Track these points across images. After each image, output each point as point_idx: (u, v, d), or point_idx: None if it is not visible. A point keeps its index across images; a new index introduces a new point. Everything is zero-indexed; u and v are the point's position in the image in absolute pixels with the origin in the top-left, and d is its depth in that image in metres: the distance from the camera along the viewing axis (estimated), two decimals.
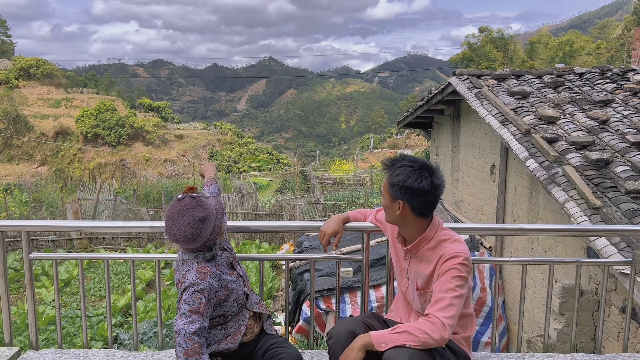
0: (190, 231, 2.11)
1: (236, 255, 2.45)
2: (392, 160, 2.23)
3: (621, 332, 4.70)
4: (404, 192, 2.13)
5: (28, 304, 2.84)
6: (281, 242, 16.29)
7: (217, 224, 2.20)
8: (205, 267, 2.19)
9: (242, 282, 2.37)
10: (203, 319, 2.11)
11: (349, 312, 7.37)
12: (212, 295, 2.16)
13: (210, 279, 2.16)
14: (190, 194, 2.19)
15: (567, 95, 7.18)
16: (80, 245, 15.69)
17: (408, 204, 2.15)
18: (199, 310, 2.10)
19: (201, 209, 2.14)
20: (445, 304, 2.04)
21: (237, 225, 3.22)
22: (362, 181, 29.34)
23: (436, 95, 9.32)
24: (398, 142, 49.35)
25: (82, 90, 55.73)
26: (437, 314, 2.03)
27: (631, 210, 4.47)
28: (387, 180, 2.21)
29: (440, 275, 2.13)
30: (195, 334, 2.07)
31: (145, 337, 7.86)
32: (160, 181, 29.86)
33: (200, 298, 2.11)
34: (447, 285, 2.08)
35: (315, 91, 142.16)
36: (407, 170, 2.14)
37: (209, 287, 2.14)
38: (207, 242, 2.18)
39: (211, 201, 2.21)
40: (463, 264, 2.11)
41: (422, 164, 2.16)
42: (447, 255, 2.14)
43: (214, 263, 2.27)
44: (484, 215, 8.57)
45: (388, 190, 2.20)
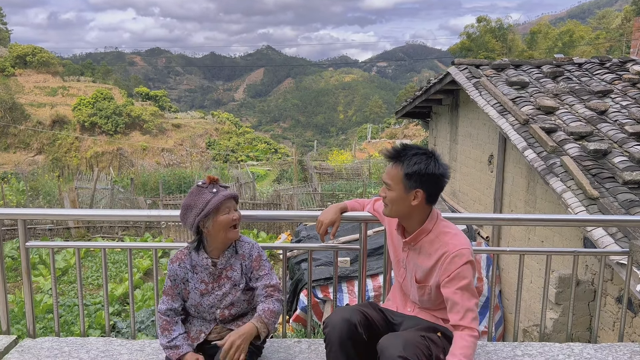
0: (180, 212, 2.30)
1: (238, 280, 2.34)
2: (400, 150, 2.17)
3: (616, 321, 4.73)
4: (424, 181, 2.11)
5: (25, 293, 2.84)
6: (279, 232, 16.30)
7: (199, 219, 2.22)
8: (181, 253, 2.34)
9: (213, 297, 2.32)
10: (171, 300, 2.30)
11: (346, 301, 7.40)
12: (178, 281, 2.31)
13: (178, 266, 2.31)
14: (200, 182, 2.29)
15: (566, 85, 7.16)
16: (78, 234, 15.69)
17: (426, 192, 2.13)
18: (166, 291, 2.32)
19: (191, 198, 2.26)
20: (473, 315, 2.10)
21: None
22: (360, 171, 29.31)
23: (435, 85, 9.29)
24: (396, 132, 49.27)
25: (79, 78, 55.35)
26: (471, 325, 2.09)
27: (628, 200, 4.47)
28: (399, 172, 2.13)
29: (448, 276, 2.12)
30: (163, 313, 2.29)
31: (143, 326, 7.89)
32: (157, 170, 29.77)
33: (167, 280, 2.32)
34: (466, 294, 2.11)
35: (314, 80, 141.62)
36: (424, 157, 2.11)
37: (174, 272, 2.31)
38: (191, 229, 2.27)
39: (208, 196, 2.21)
40: (469, 262, 2.13)
41: (429, 150, 2.18)
42: (452, 253, 2.13)
43: (199, 255, 2.31)
44: (481, 206, 8.58)
45: (402, 181, 2.13)
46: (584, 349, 2.71)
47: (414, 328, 2.24)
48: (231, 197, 2.28)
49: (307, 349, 2.69)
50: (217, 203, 2.20)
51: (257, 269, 2.36)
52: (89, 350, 2.66)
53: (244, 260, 2.35)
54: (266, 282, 2.35)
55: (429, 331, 2.21)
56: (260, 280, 2.36)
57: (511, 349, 2.70)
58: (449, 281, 2.13)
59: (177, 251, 2.37)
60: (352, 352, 2.14)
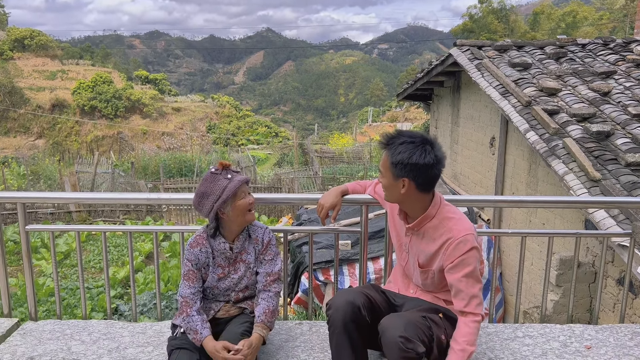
0: (195, 200, 2.31)
1: (252, 263, 2.40)
2: (390, 137, 2.14)
3: (617, 303, 4.74)
4: (409, 170, 2.07)
5: (26, 276, 2.84)
6: (280, 216, 16.33)
7: (218, 206, 2.24)
8: (201, 238, 2.35)
9: (229, 280, 2.38)
10: (191, 283, 2.32)
11: (347, 283, 7.43)
12: (200, 265, 2.33)
13: (199, 251, 2.33)
14: (213, 168, 2.30)
15: (569, 66, 7.08)
16: (79, 218, 15.72)
17: (413, 182, 2.09)
18: (187, 275, 2.34)
19: (206, 184, 2.27)
20: (477, 300, 2.13)
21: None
22: (361, 155, 29.26)
23: (437, 66, 9.20)
24: (397, 116, 49.06)
25: (78, 62, 54.98)
26: (475, 311, 2.12)
27: (631, 182, 4.45)
28: (387, 159, 2.12)
29: (452, 262, 2.12)
30: (184, 296, 2.30)
31: (145, 309, 7.95)
32: (158, 154, 29.74)
33: (188, 265, 2.34)
34: (470, 280, 2.11)
35: (314, 63, 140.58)
36: (410, 146, 2.07)
37: (196, 257, 2.33)
38: (208, 215, 2.28)
39: (224, 183, 2.24)
40: (474, 248, 2.11)
41: (422, 138, 2.11)
42: (456, 239, 2.11)
43: (216, 240, 2.35)
44: (482, 188, 8.57)
45: (390, 169, 2.11)
46: (585, 330, 2.72)
47: (416, 309, 2.24)
48: (245, 182, 2.32)
49: (309, 330, 2.70)
50: (234, 189, 2.24)
51: (264, 252, 2.41)
52: (91, 332, 2.67)
53: (257, 245, 2.41)
54: (268, 270, 2.39)
55: (430, 312, 2.21)
56: (264, 266, 2.40)
57: (512, 330, 2.70)
58: (453, 267, 2.12)
59: (195, 236, 2.38)
60: (355, 334, 2.15)
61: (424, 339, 2.05)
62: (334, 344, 2.20)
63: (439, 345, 2.14)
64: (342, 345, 2.16)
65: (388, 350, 2.02)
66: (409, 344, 1.97)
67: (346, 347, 2.16)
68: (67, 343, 2.56)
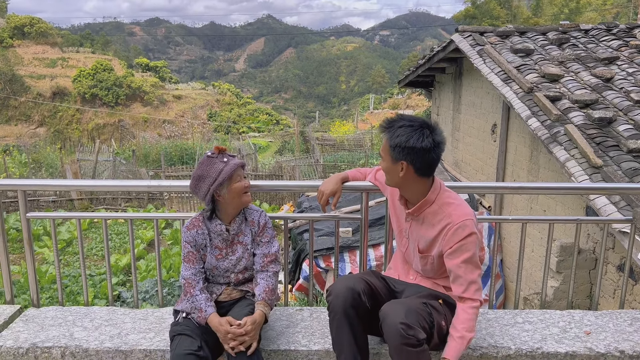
0: (191, 183, 2.35)
1: (249, 245, 2.43)
2: (390, 121, 2.15)
3: (617, 289, 4.76)
4: (406, 153, 2.07)
5: (27, 263, 2.85)
6: (281, 203, 16.35)
7: (214, 188, 2.28)
8: (197, 220, 2.39)
9: (227, 262, 2.41)
10: (192, 265, 2.36)
11: (348, 270, 7.46)
12: (198, 246, 2.38)
13: (196, 232, 2.38)
14: (209, 152, 2.34)
15: (572, 52, 7.03)
16: (81, 206, 15.76)
17: (411, 165, 2.10)
18: (187, 257, 2.37)
19: (203, 167, 2.30)
20: (476, 286, 2.13)
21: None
22: (362, 142, 29.19)
23: (438, 53, 9.14)
24: (399, 103, 48.84)
25: (78, 49, 54.67)
26: (474, 297, 2.13)
27: (632, 169, 4.44)
28: (387, 143, 2.13)
29: (451, 248, 2.12)
30: (187, 279, 2.34)
31: (148, 295, 7.99)
32: (159, 142, 29.70)
33: (187, 247, 2.38)
34: (469, 266, 2.12)
35: (315, 50, 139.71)
36: (408, 130, 2.07)
37: (193, 238, 2.37)
38: (205, 198, 2.31)
39: (220, 166, 2.27)
40: (473, 234, 2.12)
41: (421, 122, 2.11)
42: (455, 224, 2.11)
43: (212, 222, 2.39)
44: (484, 175, 8.56)
45: (389, 152, 2.13)
46: (585, 316, 2.73)
47: (416, 295, 2.25)
48: (241, 165, 2.35)
49: (309, 316, 2.71)
50: (230, 171, 2.28)
51: (261, 234, 2.45)
52: (93, 319, 2.69)
53: (254, 227, 2.45)
54: (265, 251, 2.44)
55: (430, 298, 2.22)
56: (261, 247, 2.44)
57: (512, 316, 2.71)
58: (452, 253, 2.13)
59: (191, 219, 2.42)
60: (355, 320, 2.16)
61: (424, 325, 2.06)
62: (334, 330, 2.21)
63: (439, 331, 2.15)
64: (342, 330, 2.18)
65: (389, 336, 2.03)
66: (410, 331, 1.98)
67: (346, 333, 2.17)
68: (69, 329, 2.57)
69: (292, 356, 2.39)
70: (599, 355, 2.37)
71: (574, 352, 2.37)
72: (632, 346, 2.41)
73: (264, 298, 2.33)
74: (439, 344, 2.17)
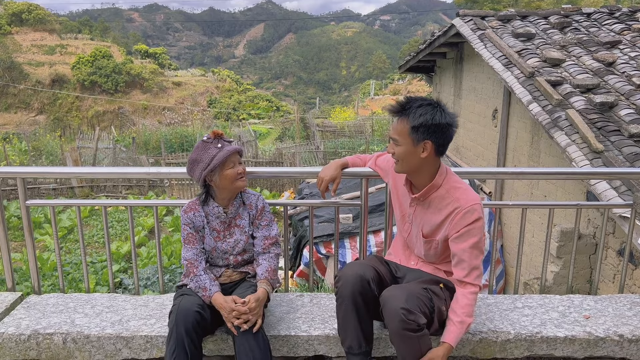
0: (187, 166, 2.39)
1: (247, 227, 2.45)
2: (404, 103, 2.11)
3: (617, 274, 4.77)
4: (432, 131, 2.05)
5: (28, 250, 2.86)
6: (282, 190, 16.36)
7: (206, 174, 2.31)
8: (194, 203, 2.42)
9: (225, 244, 2.42)
10: (192, 246, 2.38)
11: (349, 256, 7.49)
12: (196, 227, 2.40)
13: (193, 215, 2.40)
14: (205, 136, 2.36)
15: (574, 36, 6.97)
16: (82, 194, 15.78)
17: (434, 143, 2.08)
18: (187, 239, 2.39)
19: (197, 152, 2.34)
20: (478, 272, 2.15)
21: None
22: (362, 128, 29.08)
23: (439, 37, 9.07)
24: (399, 88, 48.62)
25: (77, 36, 54.29)
26: (475, 282, 2.15)
27: (633, 154, 4.42)
28: (406, 125, 2.07)
29: (458, 232, 2.12)
30: (189, 259, 2.36)
31: (150, 282, 8.03)
32: (159, 129, 29.59)
33: (186, 229, 2.40)
34: (475, 252, 2.13)
35: (315, 35, 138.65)
36: (429, 108, 2.05)
37: (190, 220, 2.39)
38: (198, 181, 2.35)
39: (213, 152, 2.29)
40: (480, 219, 2.12)
41: (434, 101, 2.12)
42: (464, 208, 2.11)
43: (209, 205, 2.41)
44: (484, 161, 8.54)
45: (409, 134, 2.07)
46: (584, 300, 2.73)
47: (416, 280, 2.25)
48: (236, 152, 2.35)
49: (309, 302, 2.72)
50: (222, 158, 2.28)
51: (260, 218, 2.47)
52: (94, 305, 2.70)
53: (251, 210, 2.47)
54: (265, 234, 2.46)
55: (431, 283, 2.22)
56: (261, 230, 2.47)
57: (511, 301, 2.72)
58: (458, 237, 2.13)
59: (189, 202, 2.44)
60: (362, 307, 2.17)
61: (425, 310, 2.07)
62: (341, 316, 2.23)
63: (439, 316, 2.16)
64: (349, 317, 2.19)
65: (389, 321, 2.04)
66: (411, 316, 1.99)
67: (353, 319, 2.19)
68: (70, 316, 2.58)
69: (293, 342, 2.40)
70: (598, 339, 2.38)
71: (573, 337, 2.38)
72: (631, 330, 2.42)
73: (267, 277, 2.36)
74: (439, 328, 2.18)
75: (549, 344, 2.39)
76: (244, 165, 2.41)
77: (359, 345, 2.21)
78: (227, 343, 2.40)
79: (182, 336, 2.12)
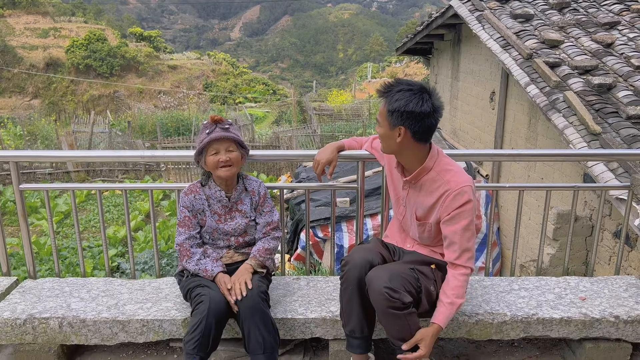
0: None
1: (248, 212, 2.47)
2: (389, 85, 2.10)
3: (613, 256, 4.79)
4: (405, 118, 2.02)
5: (22, 235, 2.84)
6: (279, 174, 16.33)
7: (195, 157, 2.37)
8: (195, 186, 2.44)
9: (226, 225, 2.43)
10: (187, 229, 2.39)
11: (346, 240, 7.50)
12: (195, 211, 2.41)
13: (193, 197, 2.41)
14: (205, 121, 2.38)
15: (572, 17, 6.90)
16: (78, 178, 15.71)
17: (409, 130, 2.05)
18: (183, 222, 2.40)
19: (198, 135, 2.39)
20: (469, 254, 2.14)
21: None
22: (360, 112, 28.96)
23: (437, 19, 8.98)
24: (397, 71, 48.34)
25: (70, 19, 53.61)
26: (466, 264, 2.14)
27: (631, 135, 4.41)
28: (384, 108, 2.08)
29: (449, 215, 2.11)
30: (181, 244, 2.38)
31: (147, 266, 8.04)
32: (155, 113, 29.41)
33: (184, 212, 2.40)
34: (466, 234, 2.12)
35: (312, 18, 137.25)
36: (407, 94, 2.02)
37: (190, 203, 2.40)
38: (199, 165, 2.40)
39: (202, 137, 2.33)
40: (471, 201, 2.10)
41: (420, 86, 2.06)
42: (454, 191, 2.09)
43: (211, 189, 2.42)
44: (481, 144, 8.52)
45: (386, 117, 2.07)
46: (580, 282, 2.74)
47: (403, 261, 2.27)
48: (223, 139, 2.32)
49: (306, 285, 2.72)
50: (204, 144, 2.32)
51: (263, 205, 2.50)
52: (90, 290, 2.69)
53: (254, 196, 2.50)
54: (268, 219, 2.50)
55: (420, 264, 2.23)
56: (263, 217, 2.50)
57: (508, 283, 2.72)
58: (449, 220, 2.12)
59: (190, 185, 2.46)
60: (367, 293, 2.17)
61: (410, 289, 2.08)
62: (345, 299, 2.23)
63: (428, 296, 2.17)
64: (353, 301, 2.21)
65: (375, 301, 2.07)
66: (395, 294, 2.02)
67: (357, 304, 2.20)
68: (66, 300, 2.58)
69: (290, 324, 2.41)
70: (593, 320, 2.39)
71: (569, 318, 2.39)
72: (626, 311, 2.43)
73: (255, 255, 2.41)
74: (429, 309, 2.19)
75: (545, 325, 2.40)
76: (238, 154, 2.37)
77: (361, 329, 2.23)
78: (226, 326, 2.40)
79: (211, 327, 2.13)
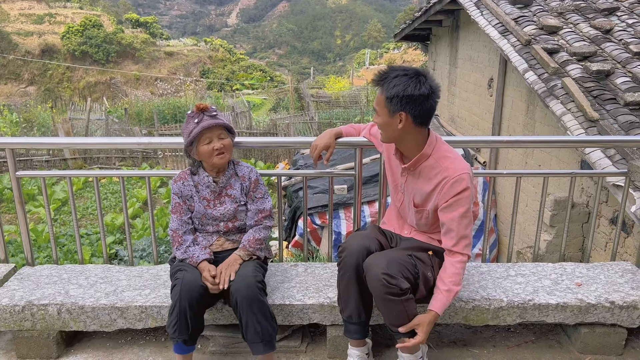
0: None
1: (238, 197, 2.45)
2: (383, 73, 2.08)
3: (609, 242, 4.81)
4: (405, 103, 2.01)
5: (20, 222, 2.85)
6: (276, 162, 16.31)
7: (185, 147, 2.37)
8: (184, 173, 2.45)
9: (215, 210, 2.42)
10: (179, 216, 2.40)
11: (344, 227, 7.52)
12: (184, 197, 2.42)
13: (182, 184, 2.42)
14: (189, 111, 2.38)
15: (571, 2, 6.86)
16: (75, 165, 15.69)
17: (410, 114, 2.04)
18: (175, 209, 2.42)
19: (184, 125, 2.38)
20: (467, 242, 2.14)
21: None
22: (357, 98, 28.85)
23: (435, 4, 8.91)
24: (395, 58, 48.09)
25: (65, 4, 53.03)
26: (463, 252, 2.14)
27: (629, 122, 4.40)
28: (382, 96, 2.06)
29: (446, 202, 2.11)
30: (175, 231, 2.39)
31: (145, 253, 8.07)
32: (151, 100, 29.27)
33: (175, 198, 2.43)
34: (463, 221, 2.12)
35: (309, 3, 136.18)
36: (404, 79, 2.01)
37: (179, 189, 2.42)
38: (187, 153, 2.41)
39: (191, 127, 2.31)
40: (468, 188, 2.10)
41: (415, 70, 2.06)
42: (452, 178, 2.09)
43: (200, 175, 2.42)
44: (479, 131, 8.51)
45: (385, 105, 2.06)
46: (576, 268, 2.75)
47: (401, 247, 2.27)
48: (213, 127, 2.32)
49: (304, 272, 2.73)
50: (196, 134, 2.30)
51: (254, 190, 2.48)
52: (88, 276, 2.70)
53: (244, 182, 2.47)
54: (260, 207, 2.47)
55: (417, 250, 2.24)
56: (255, 203, 2.47)
57: (504, 269, 2.74)
58: (446, 207, 2.12)
59: (180, 172, 2.47)
60: (364, 279, 2.18)
61: (408, 275, 2.09)
62: (343, 286, 2.24)
63: (425, 282, 2.18)
64: (350, 287, 2.21)
65: (373, 287, 2.08)
66: (392, 280, 2.02)
67: (354, 291, 2.21)
68: (64, 287, 2.58)
69: (287, 310, 2.42)
70: (589, 305, 2.40)
71: (565, 303, 2.41)
72: (622, 297, 2.44)
73: (245, 245, 2.39)
74: (427, 295, 2.20)
75: (541, 311, 2.41)
76: (229, 140, 2.38)
77: (358, 315, 2.24)
78: (221, 312, 2.42)
79: (185, 309, 2.13)
